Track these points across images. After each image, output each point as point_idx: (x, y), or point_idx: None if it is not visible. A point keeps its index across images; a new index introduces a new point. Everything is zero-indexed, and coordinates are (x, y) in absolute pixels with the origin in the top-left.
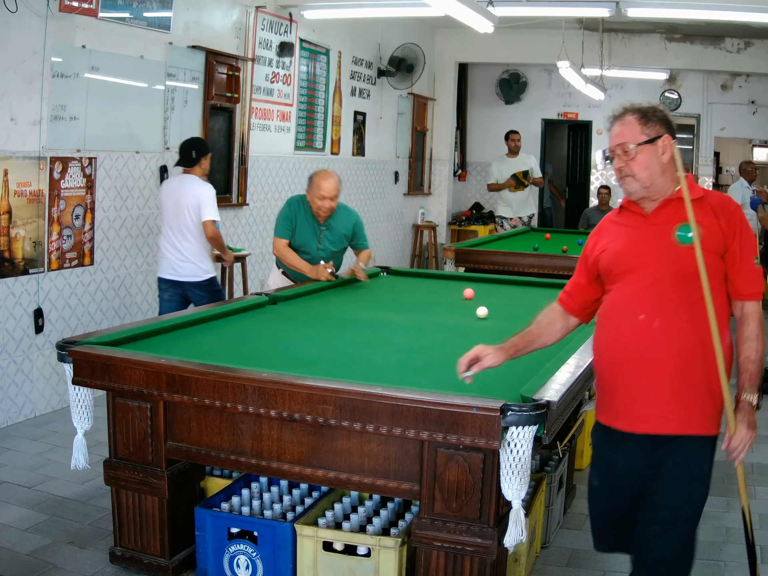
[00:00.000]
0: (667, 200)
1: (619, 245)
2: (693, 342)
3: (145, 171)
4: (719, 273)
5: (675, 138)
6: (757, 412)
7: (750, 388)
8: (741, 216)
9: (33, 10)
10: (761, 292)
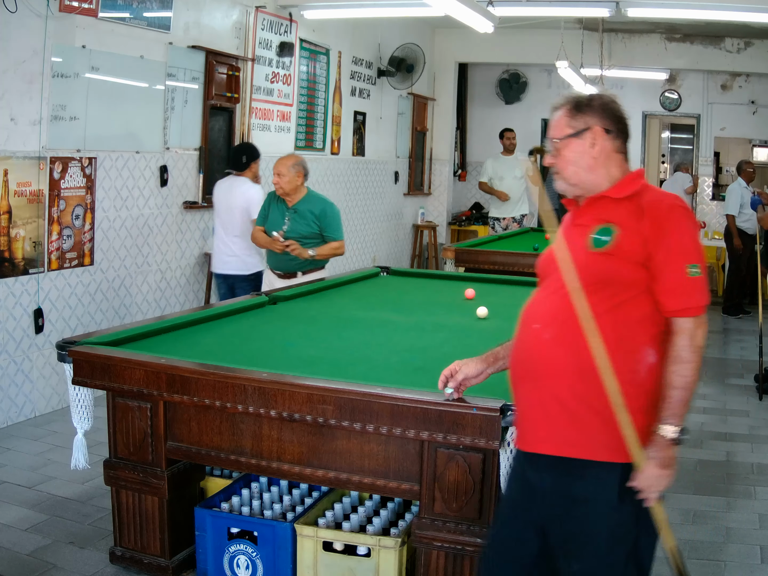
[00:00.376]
0: (593, 198)
1: (547, 249)
2: (591, 358)
3: (145, 171)
4: (637, 284)
5: (619, 127)
6: (757, 412)
7: (668, 419)
8: (674, 218)
9: (33, 10)
10: (698, 306)
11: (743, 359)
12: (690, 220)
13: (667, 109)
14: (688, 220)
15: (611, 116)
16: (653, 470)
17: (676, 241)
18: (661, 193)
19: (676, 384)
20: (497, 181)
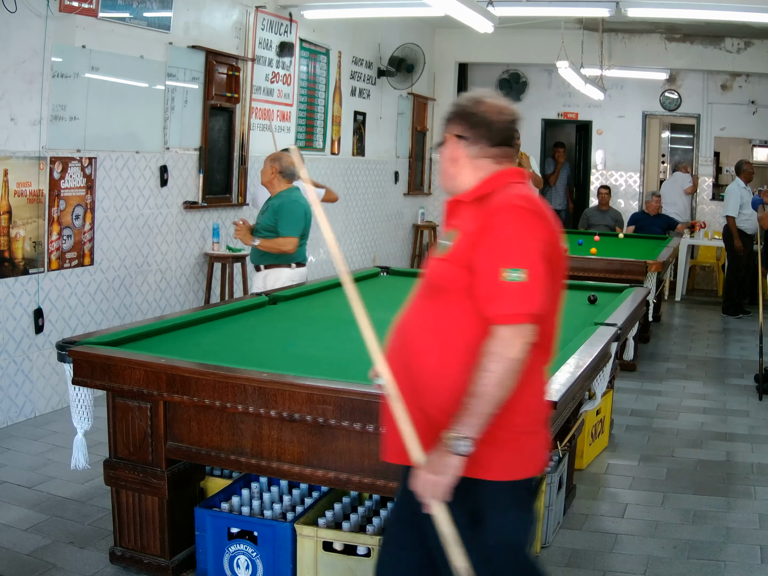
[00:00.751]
0: (451, 202)
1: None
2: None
3: (145, 171)
4: (465, 289)
5: (479, 132)
6: (757, 412)
7: (456, 427)
8: (501, 218)
9: (33, 10)
10: (512, 314)
11: (743, 359)
12: (522, 220)
13: (667, 109)
14: (519, 220)
15: (469, 123)
16: (425, 475)
17: (496, 242)
18: (509, 194)
19: (474, 392)
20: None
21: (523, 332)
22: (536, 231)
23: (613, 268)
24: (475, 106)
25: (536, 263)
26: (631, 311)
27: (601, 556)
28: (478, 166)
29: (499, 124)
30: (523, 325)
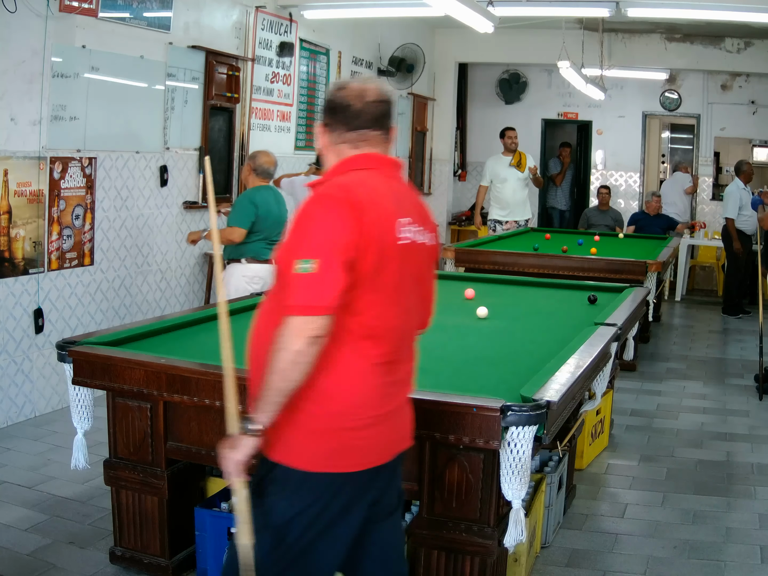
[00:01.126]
0: (309, 187)
1: None
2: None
3: (145, 171)
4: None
5: (337, 118)
6: (757, 412)
7: (252, 408)
8: (304, 209)
9: (33, 10)
10: (295, 305)
11: (743, 359)
12: (325, 210)
13: (667, 109)
14: (321, 210)
15: (329, 110)
16: (224, 450)
17: (294, 233)
18: (329, 182)
19: (264, 379)
20: (499, 183)
21: (307, 325)
22: (340, 221)
23: (613, 268)
24: (336, 92)
25: (331, 255)
26: (631, 311)
27: (601, 556)
28: (338, 152)
29: (357, 107)
30: (308, 317)
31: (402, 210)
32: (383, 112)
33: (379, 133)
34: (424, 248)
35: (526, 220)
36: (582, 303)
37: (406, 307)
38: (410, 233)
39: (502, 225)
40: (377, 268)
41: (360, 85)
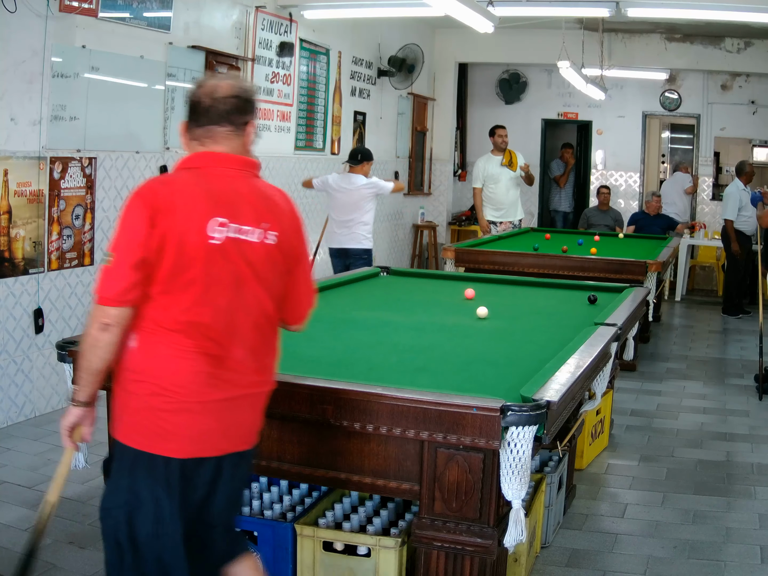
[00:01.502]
0: None
1: None
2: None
3: (145, 171)
4: None
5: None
6: (757, 412)
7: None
8: (123, 205)
9: (33, 10)
10: (97, 295)
11: (743, 359)
12: (129, 207)
13: (667, 109)
14: (126, 207)
15: (187, 108)
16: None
17: (116, 231)
18: (146, 181)
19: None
20: (492, 184)
21: (98, 312)
22: (135, 221)
23: (613, 268)
24: (193, 90)
25: (123, 252)
26: (631, 311)
27: (601, 556)
28: (191, 148)
29: (206, 103)
30: (100, 306)
31: (219, 209)
32: (233, 107)
33: (227, 129)
34: (257, 247)
35: (520, 220)
36: (582, 303)
37: (227, 305)
38: (227, 232)
39: (497, 226)
40: (177, 267)
41: (215, 82)
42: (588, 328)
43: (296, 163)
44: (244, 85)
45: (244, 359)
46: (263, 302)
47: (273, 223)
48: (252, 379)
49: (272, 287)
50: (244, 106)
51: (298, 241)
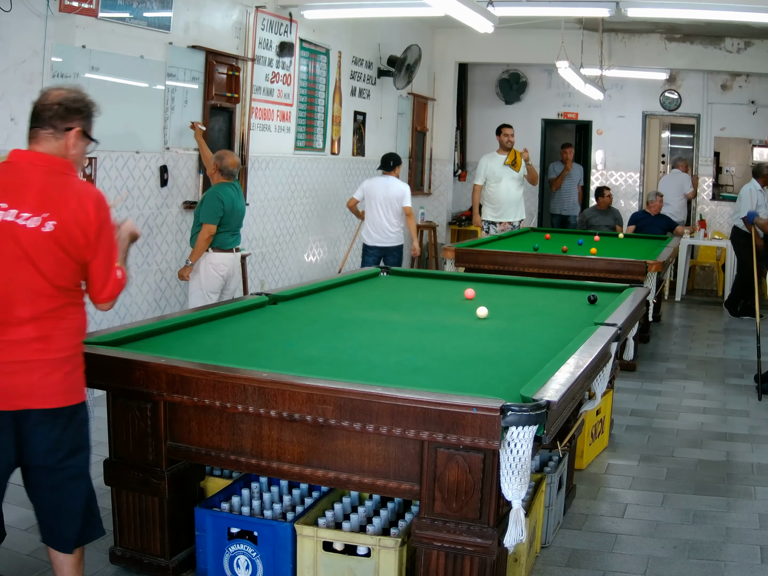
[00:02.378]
0: None
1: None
2: None
3: (145, 171)
4: None
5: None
6: (757, 412)
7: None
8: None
9: (33, 10)
10: None
11: (743, 359)
12: None
13: (667, 109)
14: None
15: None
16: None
17: None
18: None
19: None
20: (494, 183)
21: None
22: None
23: (613, 268)
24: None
25: None
26: (631, 311)
27: (601, 556)
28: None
29: (37, 109)
30: None
31: (3, 196)
32: (55, 113)
33: (48, 132)
34: (32, 232)
35: (520, 221)
36: (582, 303)
37: (2, 278)
38: (3, 216)
39: (495, 227)
40: None
41: (50, 90)
42: (588, 328)
43: (296, 163)
44: (74, 95)
45: (21, 328)
46: (37, 280)
47: (53, 214)
48: (33, 347)
49: (49, 268)
50: (65, 113)
51: (82, 235)
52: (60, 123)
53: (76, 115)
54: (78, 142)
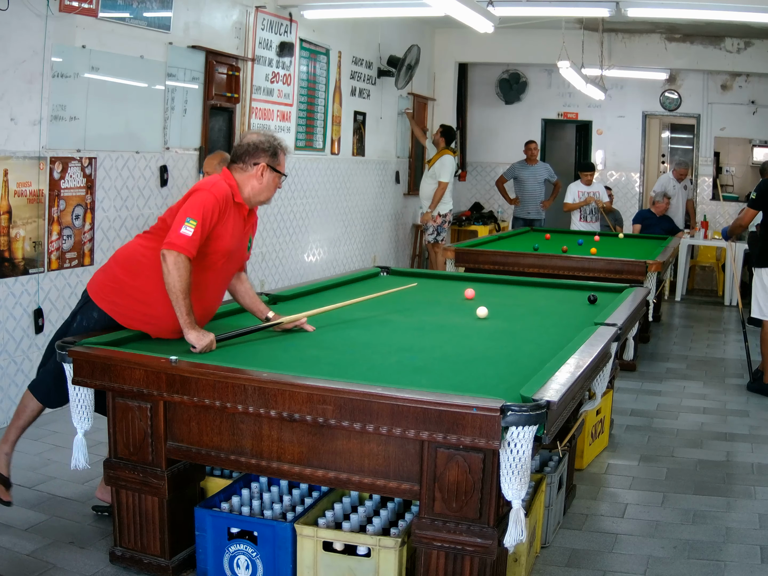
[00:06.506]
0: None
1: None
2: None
3: (145, 171)
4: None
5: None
6: (757, 412)
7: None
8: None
9: (33, 9)
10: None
11: (743, 359)
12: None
13: (667, 109)
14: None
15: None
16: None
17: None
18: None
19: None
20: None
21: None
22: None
23: (613, 268)
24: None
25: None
26: (631, 311)
27: (601, 556)
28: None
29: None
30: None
31: None
32: (237, 148)
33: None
34: None
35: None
36: (582, 303)
37: None
38: None
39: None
40: None
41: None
42: (588, 328)
43: (296, 163)
44: (263, 138)
45: None
46: None
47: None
48: None
49: None
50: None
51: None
52: (248, 158)
53: (263, 153)
54: (265, 174)
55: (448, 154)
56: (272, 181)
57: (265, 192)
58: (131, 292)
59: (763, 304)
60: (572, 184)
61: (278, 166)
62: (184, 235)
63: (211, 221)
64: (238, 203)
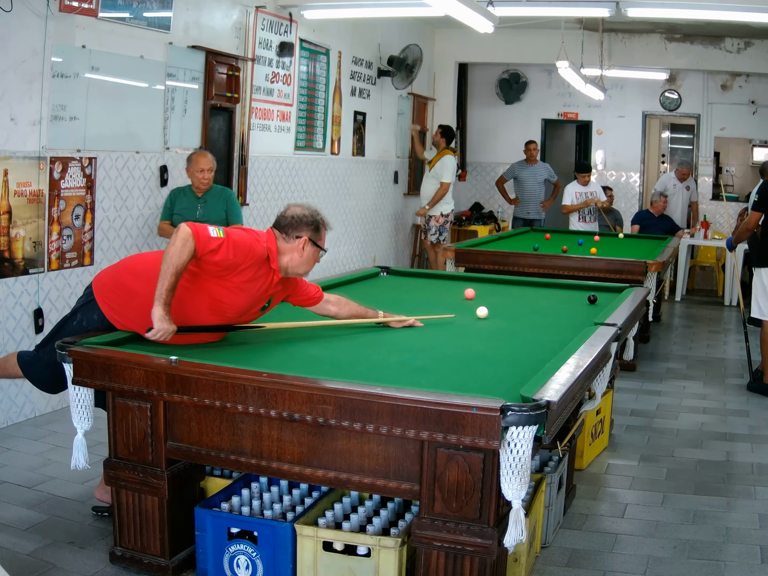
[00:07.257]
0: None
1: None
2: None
3: (145, 171)
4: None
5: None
6: (757, 412)
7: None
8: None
9: (33, 9)
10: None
11: (743, 359)
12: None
13: (667, 109)
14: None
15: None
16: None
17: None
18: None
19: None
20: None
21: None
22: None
23: (613, 268)
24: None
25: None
26: (631, 311)
27: (601, 556)
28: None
29: (278, 216)
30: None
31: None
32: (280, 219)
33: (277, 233)
34: None
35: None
36: (582, 303)
37: None
38: None
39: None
40: None
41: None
42: (588, 328)
43: (296, 163)
44: (306, 212)
45: None
46: None
47: None
48: None
49: None
50: (297, 224)
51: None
52: (291, 231)
53: (306, 227)
54: (306, 248)
55: (449, 154)
56: (312, 255)
57: (305, 265)
58: (135, 304)
59: (763, 304)
60: (569, 185)
61: (319, 240)
62: (207, 233)
63: (234, 255)
64: (273, 269)
